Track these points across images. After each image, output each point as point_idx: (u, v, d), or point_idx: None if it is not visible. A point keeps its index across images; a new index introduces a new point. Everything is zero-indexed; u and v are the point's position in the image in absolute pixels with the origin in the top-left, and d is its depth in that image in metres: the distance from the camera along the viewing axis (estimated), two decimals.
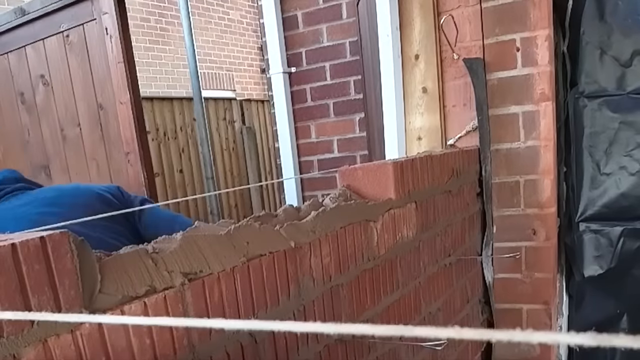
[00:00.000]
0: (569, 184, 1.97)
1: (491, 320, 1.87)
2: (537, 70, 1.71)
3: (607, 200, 1.89)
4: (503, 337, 0.25)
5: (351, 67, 2.56)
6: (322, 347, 0.92)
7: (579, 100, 1.90)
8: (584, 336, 0.24)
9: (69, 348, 0.54)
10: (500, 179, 1.81)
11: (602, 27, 1.83)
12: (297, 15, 2.60)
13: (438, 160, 1.40)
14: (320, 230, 0.91)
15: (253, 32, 8.71)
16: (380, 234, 1.11)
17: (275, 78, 2.69)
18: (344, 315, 0.99)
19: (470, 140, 1.84)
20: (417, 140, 1.90)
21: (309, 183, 2.82)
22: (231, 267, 0.73)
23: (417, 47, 1.87)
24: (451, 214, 1.51)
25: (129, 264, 0.61)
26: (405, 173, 1.20)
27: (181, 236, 0.69)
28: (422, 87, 1.88)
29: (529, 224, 1.79)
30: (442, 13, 1.83)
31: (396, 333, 0.28)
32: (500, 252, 1.82)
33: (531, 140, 1.75)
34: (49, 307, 0.52)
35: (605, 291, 1.92)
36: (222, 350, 0.72)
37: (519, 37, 1.72)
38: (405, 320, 1.24)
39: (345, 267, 0.99)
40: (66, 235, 0.53)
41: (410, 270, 1.26)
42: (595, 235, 1.90)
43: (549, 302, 1.81)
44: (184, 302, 0.66)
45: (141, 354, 0.60)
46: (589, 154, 1.90)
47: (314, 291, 0.90)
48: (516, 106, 1.75)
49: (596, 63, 1.86)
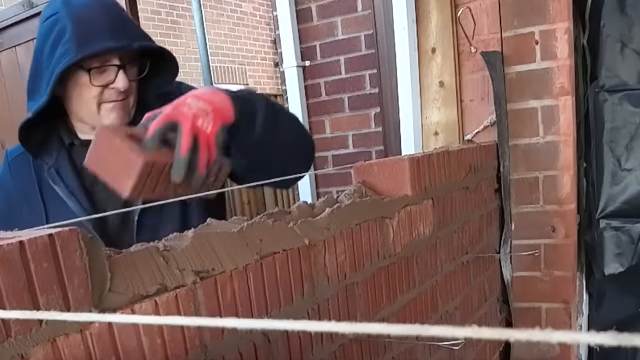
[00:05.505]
0: (589, 180, 1.93)
1: (509, 319, 1.84)
2: (556, 64, 1.68)
3: (628, 197, 1.85)
4: (522, 336, 0.24)
5: (366, 61, 2.53)
6: (336, 346, 0.91)
7: (599, 95, 1.86)
8: (604, 335, 0.23)
9: (78, 348, 0.53)
10: (518, 175, 1.77)
11: (622, 19, 1.79)
12: (311, 7, 2.58)
13: (455, 156, 1.38)
14: (335, 227, 0.89)
15: (266, 25, 8.69)
16: (396, 231, 1.09)
17: (289, 72, 2.67)
18: (359, 314, 0.98)
19: (488, 135, 1.81)
20: (434, 136, 1.88)
21: (323, 179, 2.80)
22: (244, 265, 0.71)
23: (434, 40, 1.84)
24: (469, 211, 1.49)
25: (139, 262, 0.60)
26: (422, 169, 1.18)
27: (193, 234, 0.67)
28: (438, 81, 1.85)
29: (548, 221, 1.76)
30: (460, 5, 1.80)
31: (412, 332, 0.26)
32: (518, 249, 1.79)
33: (550, 136, 1.72)
34: (58, 306, 0.51)
35: (626, 289, 1.88)
36: (235, 350, 0.70)
37: (538, 30, 1.68)
38: (422, 319, 1.22)
39: (360, 265, 0.97)
40: (75, 233, 0.52)
41: (426, 268, 1.23)
42: (615, 233, 1.87)
43: (568, 300, 1.77)
44: (196, 301, 0.65)
45: (152, 353, 0.59)
46: (610, 149, 1.86)
47: (328, 290, 0.88)
48: (535, 100, 1.72)
49: (617, 56, 1.82)
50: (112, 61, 1.04)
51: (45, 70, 1.03)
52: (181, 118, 0.83)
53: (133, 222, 1.11)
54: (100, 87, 1.05)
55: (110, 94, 1.06)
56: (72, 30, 1.00)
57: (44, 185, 1.11)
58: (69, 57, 0.99)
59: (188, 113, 0.84)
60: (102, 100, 1.06)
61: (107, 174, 0.82)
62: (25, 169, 1.13)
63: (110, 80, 1.05)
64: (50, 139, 1.13)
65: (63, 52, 0.99)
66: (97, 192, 1.12)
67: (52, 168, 1.11)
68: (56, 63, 1.00)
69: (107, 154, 0.82)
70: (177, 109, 0.85)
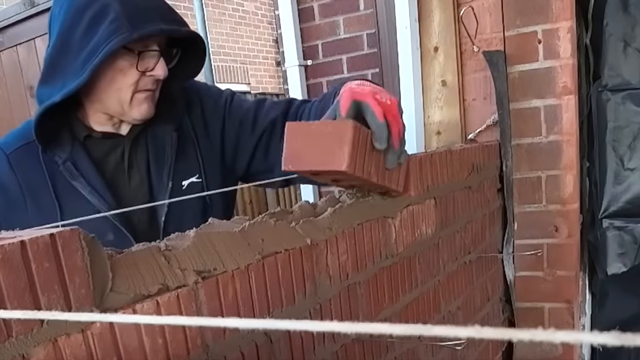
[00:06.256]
0: (591, 180, 1.92)
1: (512, 319, 1.84)
2: (559, 63, 1.67)
3: (631, 196, 1.84)
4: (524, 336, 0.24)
5: (369, 60, 2.53)
6: (338, 346, 0.90)
7: (602, 94, 1.85)
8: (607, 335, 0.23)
9: (80, 348, 0.52)
10: (521, 175, 1.77)
11: (626, 18, 1.78)
12: (313, 6, 2.57)
13: (457, 155, 1.37)
14: (337, 227, 0.89)
15: (268, 24, 8.69)
16: (399, 231, 1.08)
17: (291, 71, 2.67)
18: (361, 314, 0.97)
19: (491, 134, 1.80)
20: (436, 135, 1.87)
21: None
22: (246, 265, 0.71)
23: (436, 39, 1.84)
24: (471, 211, 1.48)
25: (141, 262, 0.59)
26: (424, 168, 1.17)
27: (194, 233, 0.67)
28: (441, 80, 1.85)
29: (551, 221, 1.75)
30: (462, 4, 1.80)
31: (415, 332, 0.26)
32: (521, 249, 1.78)
33: (553, 135, 1.71)
34: (59, 306, 0.50)
35: (629, 289, 1.87)
36: (237, 350, 0.70)
37: (541, 29, 1.68)
38: (424, 319, 1.21)
39: (362, 265, 0.96)
40: (76, 232, 0.52)
41: (429, 268, 1.23)
42: (618, 232, 1.86)
43: (571, 300, 1.77)
44: (198, 301, 0.64)
45: (153, 353, 0.59)
46: (612, 148, 1.86)
47: (330, 289, 0.88)
48: (538, 100, 1.71)
49: (620, 56, 1.81)
50: (153, 47, 0.99)
51: (80, 50, 0.94)
52: (362, 96, 0.83)
53: (160, 222, 1.08)
54: (138, 74, 0.99)
55: (146, 82, 1.01)
56: (120, 8, 0.93)
57: (58, 180, 1.04)
58: (122, 36, 0.91)
59: (364, 91, 0.84)
60: (137, 88, 1.01)
61: (315, 161, 0.81)
62: (32, 163, 1.04)
63: (150, 66, 0.99)
64: (61, 130, 1.05)
65: (112, 30, 0.92)
66: (121, 188, 1.08)
67: (68, 162, 1.04)
68: (103, 41, 0.92)
69: (306, 144, 0.81)
70: (350, 91, 0.84)
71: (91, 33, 0.93)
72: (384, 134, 0.83)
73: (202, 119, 1.19)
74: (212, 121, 1.19)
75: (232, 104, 1.20)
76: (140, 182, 1.11)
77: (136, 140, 1.11)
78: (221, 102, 1.20)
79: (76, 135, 1.07)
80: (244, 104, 1.21)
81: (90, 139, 1.08)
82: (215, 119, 1.19)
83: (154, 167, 1.11)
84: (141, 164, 1.11)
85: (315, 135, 0.81)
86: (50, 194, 1.03)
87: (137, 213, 1.05)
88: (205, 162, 1.16)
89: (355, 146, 0.80)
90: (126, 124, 1.10)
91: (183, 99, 1.17)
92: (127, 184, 1.10)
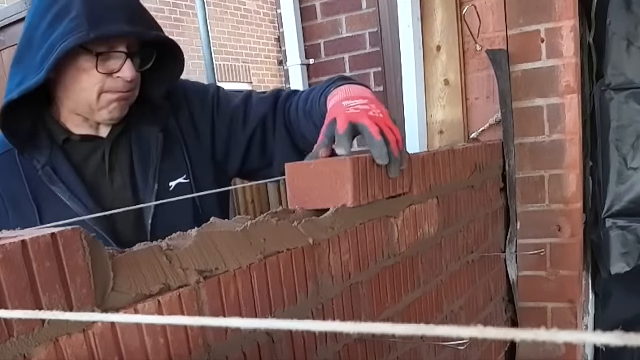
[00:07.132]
0: (595, 179, 1.92)
1: (515, 319, 1.83)
2: (562, 62, 1.66)
3: (635, 196, 1.84)
4: (527, 336, 0.24)
5: (371, 59, 2.52)
6: (341, 346, 0.90)
7: (605, 93, 1.85)
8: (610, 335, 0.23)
9: (81, 348, 0.52)
10: (524, 174, 1.76)
11: (629, 17, 1.78)
12: (316, 5, 2.57)
13: (460, 155, 1.37)
14: (340, 226, 0.89)
15: (270, 23, 8.69)
16: (401, 231, 1.08)
17: (293, 70, 2.66)
18: (364, 314, 0.97)
19: (494, 134, 1.80)
20: (439, 134, 1.87)
21: None
22: (248, 265, 0.71)
23: (439, 38, 1.83)
24: (474, 210, 1.48)
25: (142, 262, 0.59)
26: (427, 168, 1.17)
27: (196, 233, 0.67)
28: (444, 79, 1.84)
29: (554, 220, 1.74)
30: (465, 3, 1.79)
31: (417, 332, 0.26)
32: (524, 249, 1.78)
33: (556, 134, 1.70)
34: (61, 306, 0.50)
35: (633, 289, 1.87)
36: (239, 350, 0.70)
37: (544, 28, 1.67)
38: (427, 319, 1.21)
39: (365, 265, 0.96)
40: (78, 232, 0.52)
41: (431, 268, 1.23)
42: (622, 232, 1.86)
43: (574, 300, 1.76)
44: (200, 301, 0.64)
45: (155, 354, 0.59)
46: (616, 148, 1.85)
47: (333, 289, 0.88)
48: (541, 99, 1.71)
49: (623, 55, 1.81)
50: (119, 48, 0.96)
51: (40, 47, 0.92)
52: (356, 117, 0.86)
53: (147, 225, 1.06)
54: (103, 75, 0.96)
55: (116, 84, 0.98)
56: (83, 6, 0.91)
57: (37, 186, 1.01)
58: (78, 36, 0.89)
59: (357, 110, 0.86)
60: (104, 89, 0.98)
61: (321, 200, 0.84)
62: (12, 170, 1.01)
63: (115, 69, 0.97)
64: (37, 132, 1.02)
65: (71, 29, 0.90)
66: (103, 191, 1.06)
67: (47, 167, 1.01)
68: (59, 39, 0.89)
69: (309, 184, 0.84)
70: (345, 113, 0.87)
71: (51, 30, 0.91)
72: (384, 150, 0.85)
73: (191, 120, 1.16)
74: (201, 122, 1.17)
75: (219, 102, 1.18)
76: (123, 185, 1.08)
77: (117, 142, 1.08)
78: (208, 101, 1.18)
79: (55, 139, 1.04)
80: (231, 101, 1.19)
81: (69, 143, 1.05)
82: (204, 119, 1.17)
83: (139, 168, 1.09)
84: (124, 166, 1.08)
85: (317, 175, 0.83)
86: (29, 200, 1.01)
87: (121, 216, 1.02)
88: (194, 163, 1.14)
89: (357, 179, 0.83)
90: (104, 125, 1.07)
91: (169, 100, 1.15)
92: (109, 187, 1.07)
